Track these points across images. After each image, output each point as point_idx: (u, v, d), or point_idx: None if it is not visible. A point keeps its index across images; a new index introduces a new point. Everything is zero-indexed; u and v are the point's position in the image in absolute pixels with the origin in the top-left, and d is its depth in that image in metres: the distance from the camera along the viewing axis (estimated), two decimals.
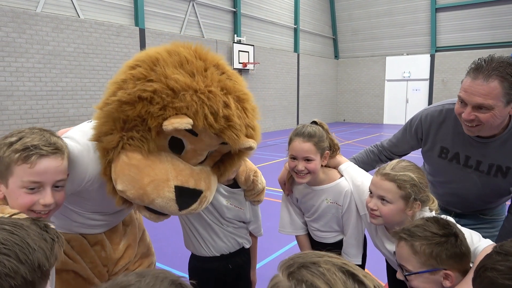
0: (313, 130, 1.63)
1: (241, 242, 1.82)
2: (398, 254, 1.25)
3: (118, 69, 4.89)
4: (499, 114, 1.43)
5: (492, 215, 1.82)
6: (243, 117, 1.24)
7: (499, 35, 14.91)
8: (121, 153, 1.21)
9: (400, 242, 1.24)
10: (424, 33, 16.60)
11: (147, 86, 1.16)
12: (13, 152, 1.11)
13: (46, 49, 7.95)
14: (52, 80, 8.10)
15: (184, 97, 1.14)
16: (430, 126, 1.75)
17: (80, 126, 1.42)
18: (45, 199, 1.16)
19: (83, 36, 8.57)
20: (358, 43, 18.44)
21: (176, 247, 3.75)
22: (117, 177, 1.21)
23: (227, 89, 1.23)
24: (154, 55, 1.22)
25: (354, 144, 10.92)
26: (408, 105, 17.29)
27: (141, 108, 1.15)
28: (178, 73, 1.17)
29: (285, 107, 15.47)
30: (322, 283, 0.54)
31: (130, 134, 1.18)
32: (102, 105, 1.25)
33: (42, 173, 1.13)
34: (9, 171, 1.12)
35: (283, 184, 1.85)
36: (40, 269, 0.75)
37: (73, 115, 8.48)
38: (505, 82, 1.38)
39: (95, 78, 8.86)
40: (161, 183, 1.19)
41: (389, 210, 1.42)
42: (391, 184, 1.41)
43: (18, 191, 1.13)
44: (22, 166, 1.12)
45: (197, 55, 1.25)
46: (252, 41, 13.63)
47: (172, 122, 1.11)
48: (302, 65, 16.57)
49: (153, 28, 10.26)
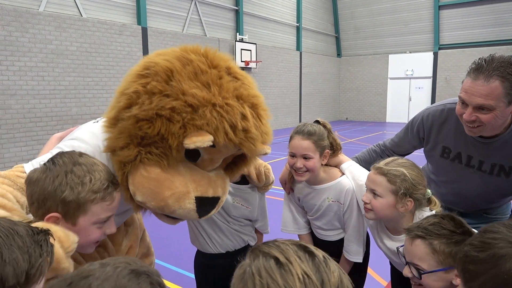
0: (313, 129, 1.64)
1: (247, 239, 1.83)
2: (410, 252, 1.21)
3: (120, 68, 4.93)
4: (501, 115, 1.42)
5: (496, 214, 1.81)
6: (259, 125, 1.23)
7: (502, 32, 14.83)
8: (139, 166, 1.19)
9: (415, 240, 1.19)
10: (427, 31, 16.53)
11: (165, 103, 1.12)
12: (92, 192, 1.07)
13: (49, 48, 7.97)
14: (55, 79, 8.12)
15: (204, 114, 1.12)
16: (431, 125, 1.74)
17: (87, 126, 1.38)
18: (111, 228, 1.17)
19: (86, 35, 8.58)
20: (360, 41, 18.38)
21: (180, 246, 3.76)
22: (136, 189, 1.20)
23: (242, 98, 1.21)
24: (165, 65, 1.17)
25: (357, 142, 10.90)
26: (411, 103, 17.23)
27: (160, 127, 1.12)
28: (194, 87, 1.14)
29: (287, 106, 15.46)
30: (276, 252, 0.63)
31: (148, 149, 1.16)
32: (113, 117, 1.20)
33: (116, 206, 1.16)
34: (81, 211, 1.08)
35: (284, 183, 1.86)
36: (2, 284, 0.71)
37: (76, 114, 8.51)
38: (506, 82, 1.36)
39: (98, 77, 8.88)
40: (182, 196, 1.20)
41: (380, 204, 1.44)
42: (381, 178, 1.43)
43: (90, 228, 1.11)
44: (100, 204, 1.09)
45: (209, 62, 1.22)
46: (255, 40, 13.61)
47: (194, 141, 1.10)
48: (304, 63, 16.54)
49: (155, 26, 10.26)
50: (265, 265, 0.61)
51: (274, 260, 0.61)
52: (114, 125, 1.20)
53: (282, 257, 0.61)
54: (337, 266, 0.65)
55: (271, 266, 0.61)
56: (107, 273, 0.62)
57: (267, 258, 0.62)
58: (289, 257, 0.61)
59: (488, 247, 0.86)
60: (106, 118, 1.23)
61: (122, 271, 0.63)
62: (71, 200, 1.05)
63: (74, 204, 1.06)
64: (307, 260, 0.62)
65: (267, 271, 0.60)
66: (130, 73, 1.25)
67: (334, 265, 0.64)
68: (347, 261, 1.78)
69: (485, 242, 0.88)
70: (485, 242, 0.88)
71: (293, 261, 0.61)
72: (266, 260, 0.62)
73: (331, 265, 0.63)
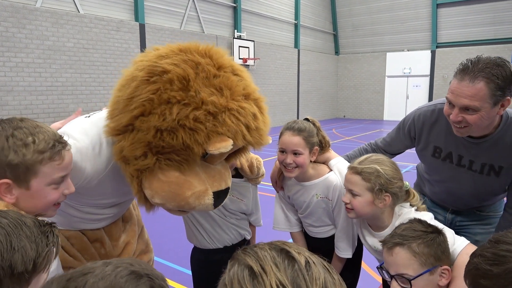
0: (303, 125, 1.66)
1: (243, 233, 1.85)
2: (393, 263, 1.21)
3: (118, 65, 4.92)
4: (487, 116, 1.42)
5: (489, 212, 1.83)
6: (264, 120, 1.30)
7: (500, 31, 14.86)
8: (157, 171, 1.21)
9: (394, 249, 1.20)
10: (425, 29, 16.55)
11: (186, 113, 1.14)
12: (37, 153, 1.04)
13: (46, 44, 7.93)
14: (52, 76, 8.09)
15: (225, 121, 1.17)
16: (423, 126, 1.75)
17: (78, 121, 1.37)
18: (69, 188, 1.15)
19: (83, 31, 8.55)
20: (358, 38, 18.39)
21: (176, 242, 3.77)
22: (155, 193, 1.24)
23: (250, 97, 1.27)
24: (179, 72, 1.16)
25: (354, 140, 10.92)
26: (408, 101, 17.27)
27: (184, 137, 1.14)
28: (210, 93, 1.17)
29: (285, 103, 15.46)
30: (251, 260, 0.59)
31: (168, 156, 1.18)
32: (125, 125, 1.19)
33: (67, 165, 1.13)
34: (31, 173, 1.06)
35: (274, 182, 1.87)
36: (11, 270, 0.75)
37: (73, 110, 8.48)
38: (491, 83, 1.36)
39: (95, 74, 8.85)
40: (201, 194, 1.26)
41: (359, 203, 1.46)
42: (357, 177, 1.46)
43: (45, 189, 1.09)
44: (49, 164, 1.07)
45: (215, 63, 1.24)
46: (253, 37, 13.59)
47: (218, 148, 1.15)
48: (302, 60, 16.54)
49: (153, 23, 10.23)
50: (238, 275, 0.58)
51: (248, 269, 0.58)
52: (124, 132, 1.19)
53: (256, 266, 0.58)
54: (324, 271, 0.59)
55: (244, 276, 0.58)
56: (106, 272, 0.61)
57: (241, 268, 0.59)
58: (264, 266, 0.57)
59: (503, 261, 0.80)
60: (113, 125, 1.21)
61: (122, 271, 0.62)
62: (17, 163, 1.02)
63: (22, 167, 1.03)
64: (286, 268, 0.57)
65: (240, 282, 0.57)
66: (132, 76, 1.22)
67: (318, 271, 0.59)
68: (339, 258, 1.80)
69: (498, 254, 0.82)
70: (498, 255, 0.82)
71: (268, 271, 0.57)
72: (240, 270, 0.59)
73: (314, 271, 0.58)
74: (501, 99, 1.40)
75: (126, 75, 1.27)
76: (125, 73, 1.29)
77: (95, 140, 1.26)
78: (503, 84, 1.37)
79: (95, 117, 1.37)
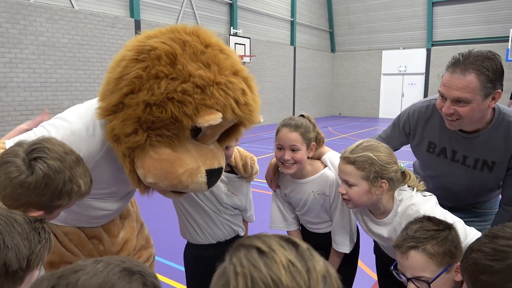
0: (300, 121, 1.67)
1: (237, 230, 1.86)
2: (409, 267, 1.17)
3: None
4: (478, 108, 1.45)
5: (485, 209, 1.84)
6: (254, 98, 1.30)
7: (495, 29, 14.94)
8: (148, 149, 1.22)
9: (408, 253, 1.16)
10: (421, 27, 16.60)
11: (174, 86, 1.15)
12: (80, 197, 1.12)
13: (40, 40, 7.86)
14: (46, 72, 8.02)
15: (212, 94, 1.17)
16: (417, 121, 1.76)
17: (73, 107, 1.39)
18: None
19: (78, 27, 8.48)
20: (354, 36, 18.40)
21: (170, 239, 3.76)
22: (147, 172, 1.24)
23: (238, 73, 1.27)
24: (166, 48, 1.19)
25: (350, 138, 10.95)
26: (403, 99, 17.33)
27: (173, 110, 1.16)
28: (198, 68, 1.19)
29: (280, 101, 15.46)
30: (258, 242, 0.60)
31: (158, 132, 1.19)
32: (114, 104, 1.20)
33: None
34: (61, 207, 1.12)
35: (270, 181, 1.87)
36: (6, 269, 0.74)
37: (67, 107, 8.32)
38: (481, 75, 1.40)
39: (90, 70, 8.79)
40: (194, 171, 1.26)
41: (355, 193, 1.42)
42: (350, 167, 1.42)
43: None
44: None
45: (202, 41, 1.26)
46: (249, 34, 13.56)
47: (207, 120, 1.15)
48: (298, 58, 16.53)
49: (148, 19, 10.17)
50: (247, 256, 0.58)
51: (256, 250, 0.58)
52: (114, 112, 1.21)
53: (264, 246, 0.58)
54: (322, 258, 0.62)
55: (253, 255, 0.57)
56: (98, 269, 0.61)
57: (248, 249, 0.59)
58: (271, 246, 0.58)
59: (504, 257, 0.79)
60: (104, 105, 1.22)
61: (113, 268, 0.62)
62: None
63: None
64: (291, 249, 0.59)
65: (249, 260, 0.56)
66: (121, 57, 1.24)
67: (318, 256, 0.61)
68: (336, 253, 1.80)
69: (498, 250, 0.81)
70: (498, 250, 0.81)
71: (276, 249, 0.58)
72: (248, 251, 0.58)
73: (315, 254, 0.61)
74: (492, 91, 1.44)
75: (116, 57, 1.28)
76: (115, 57, 1.31)
77: (88, 122, 1.28)
78: (493, 76, 1.41)
79: (88, 102, 1.38)
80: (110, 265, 0.62)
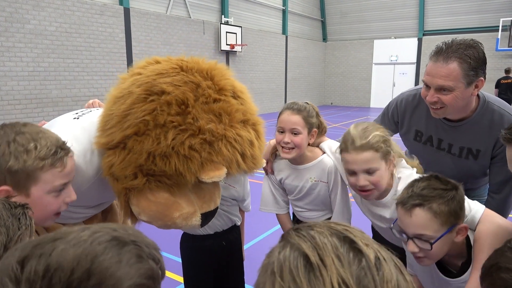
0: (303, 105, 1.66)
1: (234, 219, 1.86)
2: (412, 224, 1.15)
3: (102, 50, 4.81)
4: (461, 96, 1.47)
5: (474, 196, 1.86)
6: (260, 145, 1.28)
7: (486, 19, 14.99)
8: (145, 191, 1.18)
9: (413, 210, 1.14)
10: (412, 17, 16.58)
11: (181, 140, 1.10)
12: (39, 159, 1.01)
13: (27, 28, 7.68)
14: (34, 60, 7.86)
15: (220, 150, 1.14)
16: (405, 110, 1.79)
17: (68, 126, 1.30)
18: (71, 196, 1.12)
19: (65, 14, 8.30)
20: (346, 25, 18.33)
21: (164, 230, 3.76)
22: (142, 211, 1.21)
23: (248, 122, 1.24)
24: (177, 95, 1.12)
25: (341, 127, 11.00)
26: (395, 89, 17.40)
27: (178, 164, 1.11)
28: (209, 120, 1.14)
29: (272, 90, 15.40)
30: (309, 247, 0.48)
31: (159, 178, 1.15)
32: (118, 141, 1.14)
33: (69, 172, 1.10)
34: (31, 180, 1.02)
35: (266, 162, 1.83)
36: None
37: (56, 96, 8.29)
38: (464, 63, 1.42)
39: (79, 59, 8.64)
40: (189, 216, 1.24)
41: (379, 177, 1.39)
42: (369, 153, 1.37)
43: (45, 197, 1.06)
44: (51, 171, 1.04)
45: (215, 85, 1.20)
46: (240, 23, 13.41)
47: (212, 176, 1.13)
48: (290, 47, 16.44)
49: (138, 7, 9.98)
50: (291, 263, 0.47)
51: (303, 258, 0.47)
52: (115, 148, 1.15)
53: (314, 256, 0.46)
54: (396, 271, 0.47)
55: (298, 266, 0.46)
56: (81, 237, 0.52)
57: (295, 254, 0.48)
58: (323, 257, 0.46)
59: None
60: (104, 141, 1.17)
61: (100, 237, 0.52)
62: (17, 170, 0.99)
63: (22, 173, 1.00)
64: (350, 263, 0.45)
65: (292, 272, 0.46)
66: (127, 92, 1.16)
67: (390, 271, 0.46)
68: None
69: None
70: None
71: (328, 265, 0.45)
72: (293, 257, 0.47)
73: (385, 270, 0.46)
74: (474, 79, 1.46)
75: (122, 87, 1.21)
76: (121, 83, 1.23)
77: (86, 148, 1.22)
78: (475, 64, 1.43)
79: (85, 121, 1.31)
80: (97, 233, 0.53)
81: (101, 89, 9.07)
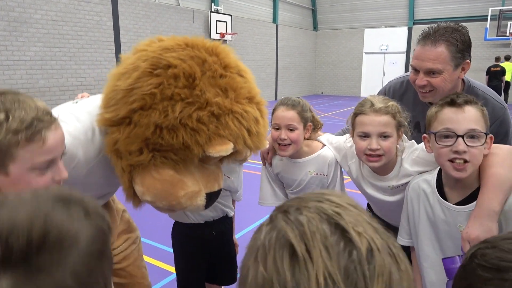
0: (297, 100, 1.66)
1: (226, 210, 1.86)
2: (463, 120, 1.18)
3: (89, 38, 4.73)
4: (449, 78, 1.52)
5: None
6: (265, 125, 1.29)
7: (474, 8, 15.09)
8: (150, 168, 1.16)
9: (465, 106, 1.20)
10: (402, 6, 16.59)
11: (189, 112, 1.10)
12: (11, 133, 0.88)
13: (11, 15, 7.49)
14: (19, 49, 7.69)
15: (227, 124, 1.14)
16: (393, 98, 1.80)
17: (65, 106, 1.28)
18: (60, 174, 1.01)
19: (51, 2, 8.10)
20: (337, 14, 18.27)
21: (156, 219, 3.76)
22: (146, 190, 1.19)
23: (253, 100, 1.25)
24: (185, 68, 1.12)
25: (332, 116, 11.04)
26: (385, 78, 17.47)
27: (185, 137, 1.11)
28: (216, 94, 1.14)
29: (263, 79, 15.34)
30: (295, 236, 0.44)
31: (165, 154, 1.14)
32: (122, 117, 1.12)
33: (53, 147, 0.96)
34: (7, 157, 0.90)
35: (266, 153, 1.80)
36: None
37: (43, 86, 8.14)
38: (451, 46, 1.48)
39: (66, 47, 8.47)
40: (194, 195, 1.23)
41: (391, 144, 1.41)
42: (387, 117, 1.40)
43: (28, 175, 0.94)
44: (29, 147, 0.91)
45: (221, 62, 1.21)
46: (230, 11, 13.27)
47: (219, 150, 1.13)
48: (281, 36, 16.34)
49: None
50: (275, 253, 0.43)
51: (288, 249, 0.43)
52: (119, 125, 1.13)
53: (300, 248, 0.42)
54: (389, 261, 0.43)
55: (282, 256, 0.43)
56: (24, 200, 0.49)
57: (281, 242, 0.44)
58: (310, 249, 0.42)
59: None
60: (109, 117, 1.14)
61: (44, 195, 0.50)
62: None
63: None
64: (339, 254, 0.42)
65: (276, 262, 0.43)
66: (133, 66, 1.15)
67: (383, 262, 0.42)
68: None
69: None
70: None
71: (315, 258, 0.41)
72: (279, 246, 0.44)
73: (377, 262, 0.42)
74: (461, 61, 1.52)
75: (126, 63, 1.19)
76: (124, 60, 1.21)
77: (87, 125, 1.19)
78: (462, 47, 1.50)
79: (84, 103, 1.28)
80: (39, 193, 0.51)
81: (89, 78, 8.93)
